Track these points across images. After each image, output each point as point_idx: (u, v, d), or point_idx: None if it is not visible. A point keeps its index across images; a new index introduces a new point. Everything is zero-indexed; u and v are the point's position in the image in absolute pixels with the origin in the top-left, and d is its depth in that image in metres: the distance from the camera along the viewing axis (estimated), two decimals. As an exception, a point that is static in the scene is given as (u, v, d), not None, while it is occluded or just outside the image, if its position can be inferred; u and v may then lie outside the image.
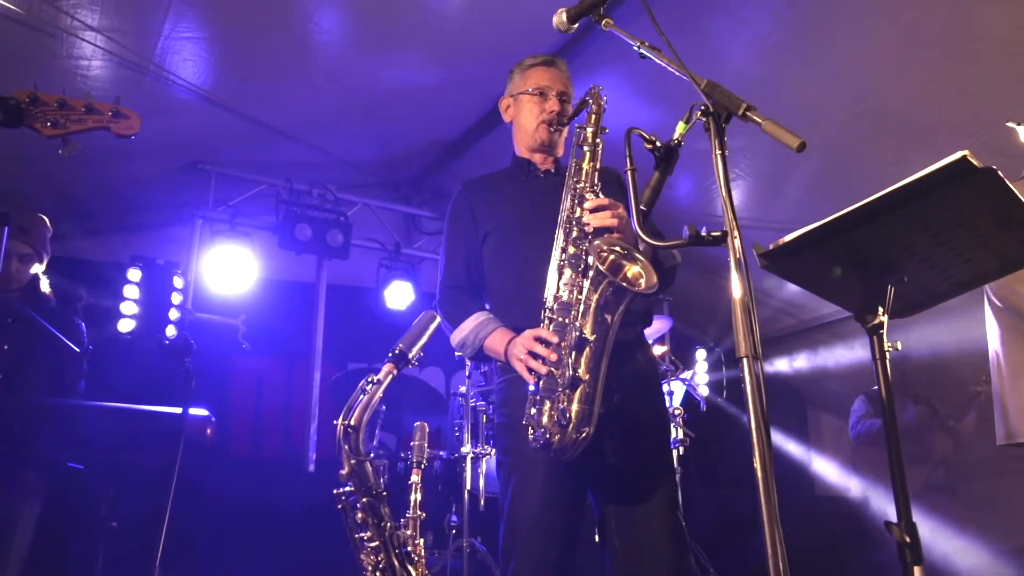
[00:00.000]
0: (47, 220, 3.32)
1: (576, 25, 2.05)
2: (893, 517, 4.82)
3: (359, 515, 1.30)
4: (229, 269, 4.67)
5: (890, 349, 1.70)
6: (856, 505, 5.42)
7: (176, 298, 4.38)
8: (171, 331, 4.27)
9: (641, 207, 1.78)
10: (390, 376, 1.40)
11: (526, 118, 2.29)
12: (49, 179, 4.02)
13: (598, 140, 2.09)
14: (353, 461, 1.31)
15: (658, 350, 4.64)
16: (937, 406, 5.09)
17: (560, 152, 2.35)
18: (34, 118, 1.80)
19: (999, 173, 1.45)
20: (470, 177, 2.42)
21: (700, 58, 3.98)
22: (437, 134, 4.97)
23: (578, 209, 2.01)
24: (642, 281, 1.83)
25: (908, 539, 1.58)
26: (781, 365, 6.67)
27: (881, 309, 1.69)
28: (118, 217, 4.65)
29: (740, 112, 1.58)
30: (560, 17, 1.99)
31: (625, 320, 1.93)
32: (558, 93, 2.28)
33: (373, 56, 3.92)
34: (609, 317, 1.86)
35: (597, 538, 2.12)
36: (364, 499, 1.31)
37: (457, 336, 2.09)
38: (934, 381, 5.19)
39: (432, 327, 1.54)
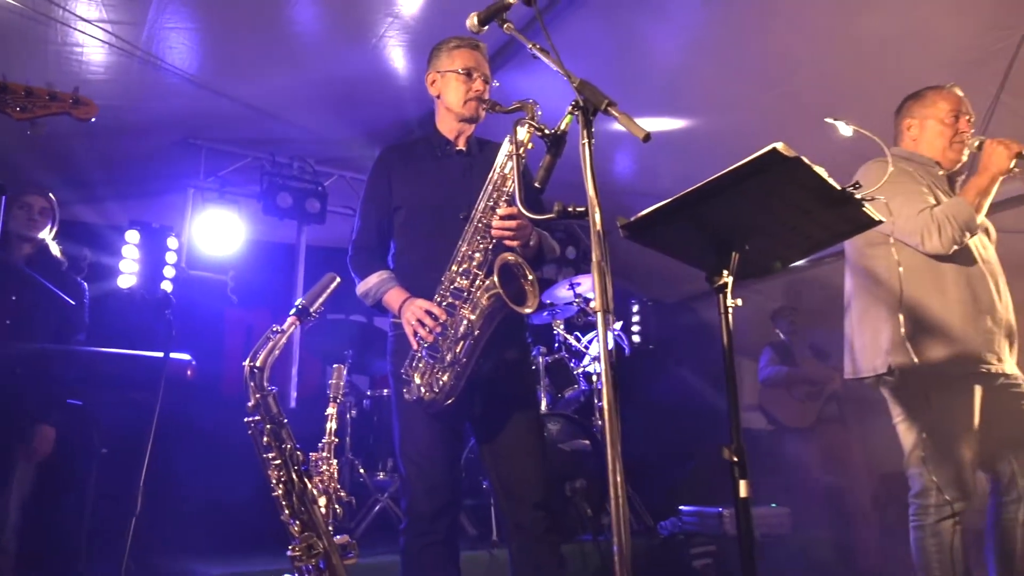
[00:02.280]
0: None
1: (487, 27, 2.05)
2: (788, 445, 5.00)
3: (265, 439, 1.40)
4: (218, 232, 4.71)
5: (732, 305, 1.81)
6: (763, 436, 5.63)
7: (171, 257, 4.44)
8: (167, 286, 4.34)
9: (536, 184, 1.88)
10: (293, 327, 1.48)
11: (453, 95, 2.28)
12: (54, 155, 4.01)
13: (523, 152, 2.04)
14: (258, 395, 1.40)
15: (594, 303, 4.72)
16: (828, 350, 5.27)
17: (476, 126, 2.35)
18: (5, 104, 1.85)
19: (806, 161, 1.55)
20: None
21: (630, 50, 4.07)
22: (407, 114, 4.98)
23: (491, 213, 2.06)
24: (527, 307, 1.99)
25: (736, 459, 1.71)
26: (710, 316, 6.72)
27: (726, 272, 1.78)
28: (117, 186, 4.65)
29: (603, 107, 1.66)
30: (472, 20, 1.97)
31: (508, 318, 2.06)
32: (483, 75, 2.28)
33: (347, 45, 3.93)
34: (492, 318, 1.99)
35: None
36: (268, 426, 1.40)
37: (362, 288, 2.20)
38: (825, 329, 5.31)
39: (332, 287, 1.62)
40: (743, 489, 1.72)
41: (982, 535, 2.67)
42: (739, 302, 1.81)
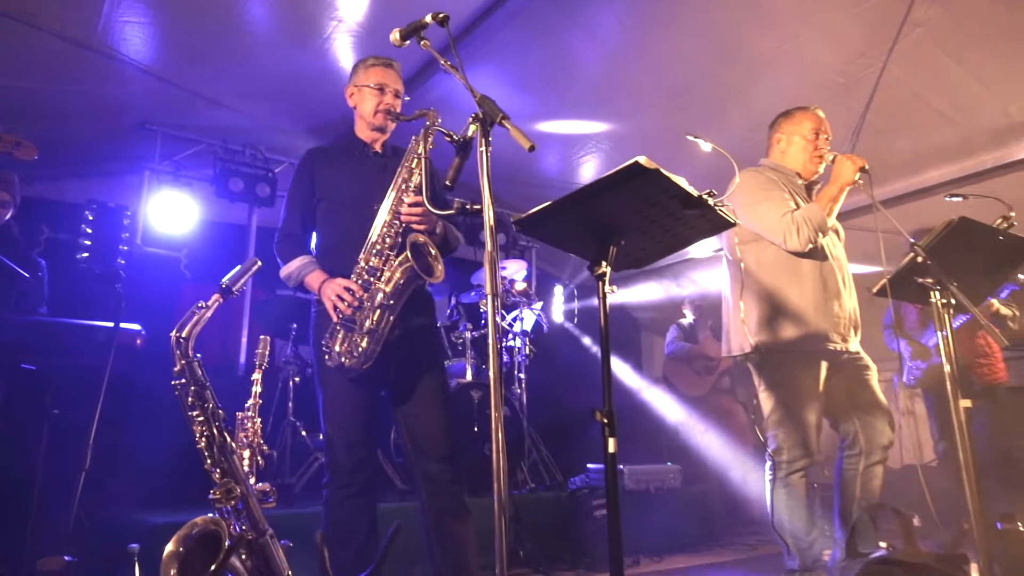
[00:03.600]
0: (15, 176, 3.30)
1: (408, 42, 2.09)
2: (676, 413, 5.21)
3: (189, 399, 1.47)
4: (173, 212, 4.63)
5: (610, 291, 1.94)
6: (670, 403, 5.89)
7: (125, 235, 4.36)
8: (121, 262, 4.28)
9: (447, 182, 1.98)
10: (217, 302, 1.55)
11: (366, 107, 2.37)
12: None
13: (425, 152, 2.18)
14: (183, 361, 1.48)
15: (520, 286, 4.87)
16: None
17: (388, 135, 2.45)
18: None
19: (664, 172, 1.68)
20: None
21: (558, 60, 4.17)
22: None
23: (400, 202, 2.18)
24: (434, 276, 2.10)
25: (606, 420, 1.85)
26: (622, 297, 7.00)
27: (604, 263, 1.89)
28: (76, 166, 4.53)
29: (498, 119, 1.76)
30: (394, 35, 2.00)
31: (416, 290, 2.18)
32: (394, 91, 2.38)
33: (295, 43, 3.91)
34: (405, 289, 2.10)
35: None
36: (192, 388, 1.48)
37: (285, 271, 2.29)
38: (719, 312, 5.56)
39: (253, 269, 1.70)
40: (611, 445, 1.85)
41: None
42: (615, 289, 1.94)
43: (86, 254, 4.04)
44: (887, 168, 4.26)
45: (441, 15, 1.94)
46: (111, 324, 2.88)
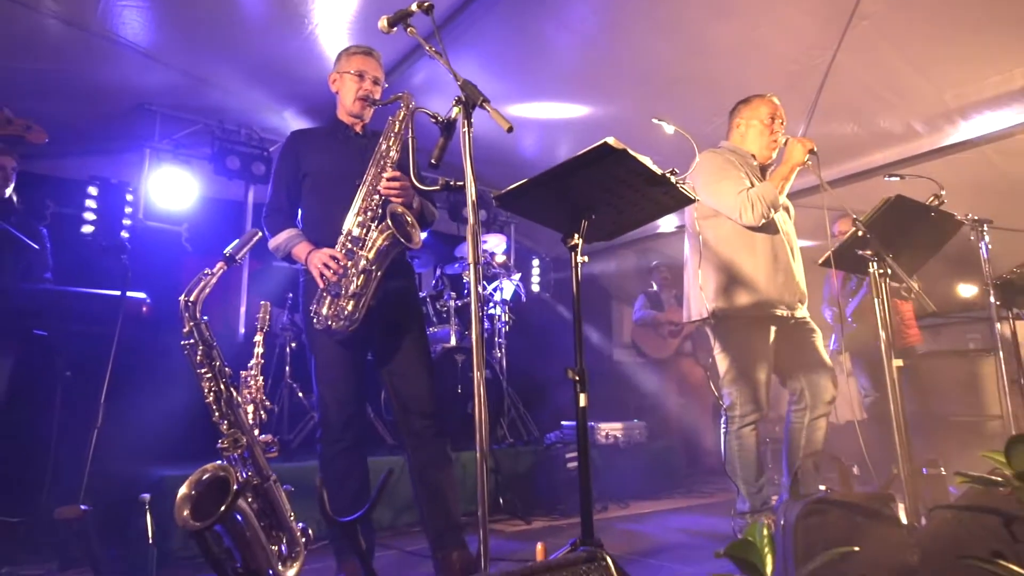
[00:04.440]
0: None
1: (396, 28, 2.10)
2: (651, 373, 5.31)
3: (198, 358, 1.50)
4: (173, 189, 4.57)
5: (583, 261, 1.99)
6: (631, 367, 6.01)
7: (128, 210, 4.32)
8: (125, 235, 4.24)
9: (432, 161, 2.00)
10: (221, 270, 1.57)
11: (347, 92, 2.37)
12: (20, 114, 3.81)
13: (401, 131, 2.21)
14: (192, 323, 1.50)
15: (500, 259, 4.90)
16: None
17: (368, 119, 2.44)
18: None
19: (631, 152, 1.72)
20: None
21: (534, 48, 4.15)
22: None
23: (380, 177, 2.19)
24: (413, 242, 2.12)
25: (578, 377, 1.90)
26: (595, 268, 7.07)
27: (577, 235, 1.94)
28: (78, 144, 4.44)
29: (479, 102, 1.78)
30: (382, 22, 1.99)
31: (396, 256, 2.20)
32: (373, 78, 2.37)
33: (285, 29, 3.84)
34: (386, 255, 2.13)
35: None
36: (201, 347, 1.51)
37: (273, 243, 2.30)
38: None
39: (254, 240, 1.72)
40: (583, 400, 1.91)
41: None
42: (587, 259, 1.98)
43: (92, 227, 4.00)
44: (834, 151, 4.33)
45: (426, 3, 1.94)
46: (118, 293, 2.86)
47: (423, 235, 2.33)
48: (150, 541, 2.22)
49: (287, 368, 4.17)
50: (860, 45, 3.55)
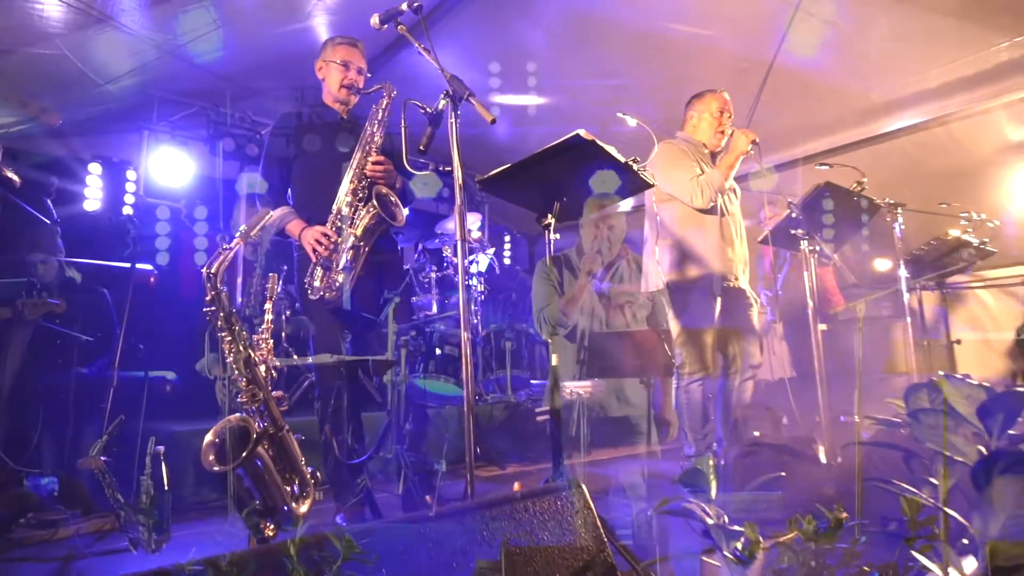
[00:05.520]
0: None
1: (387, 26, 2.11)
2: (614, 341, 5.28)
3: (219, 323, 1.54)
4: (172, 167, 4.48)
5: (555, 239, 2.06)
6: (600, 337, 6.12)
7: (130, 187, 4.24)
8: (127, 211, 4.17)
9: (420, 147, 2.03)
10: (238, 244, 1.60)
11: (332, 80, 2.37)
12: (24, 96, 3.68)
13: (384, 119, 2.22)
14: (213, 292, 1.54)
15: (476, 235, 4.94)
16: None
17: (352, 105, 2.43)
18: None
19: (599, 143, 1.79)
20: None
21: (507, 46, 4.15)
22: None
23: (366, 161, 2.21)
24: (397, 220, 2.16)
25: (549, 341, 2.00)
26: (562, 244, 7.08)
27: (550, 215, 2.01)
28: (79, 124, 4.31)
29: (465, 96, 1.82)
30: (374, 19, 2.02)
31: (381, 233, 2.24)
32: (357, 68, 2.36)
33: (280, 18, 3.76)
34: (373, 232, 2.17)
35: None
36: (221, 314, 1.55)
37: (267, 220, 2.32)
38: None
39: (266, 219, 1.74)
40: (554, 360, 2.01)
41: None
42: (559, 236, 2.06)
43: (98, 203, 3.92)
44: (774, 140, 4.45)
45: (416, 3, 1.96)
46: (127, 265, 2.84)
47: (405, 211, 2.36)
48: (165, 488, 2.26)
49: (283, 334, 4.18)
50: (799, 46, 3.65)
